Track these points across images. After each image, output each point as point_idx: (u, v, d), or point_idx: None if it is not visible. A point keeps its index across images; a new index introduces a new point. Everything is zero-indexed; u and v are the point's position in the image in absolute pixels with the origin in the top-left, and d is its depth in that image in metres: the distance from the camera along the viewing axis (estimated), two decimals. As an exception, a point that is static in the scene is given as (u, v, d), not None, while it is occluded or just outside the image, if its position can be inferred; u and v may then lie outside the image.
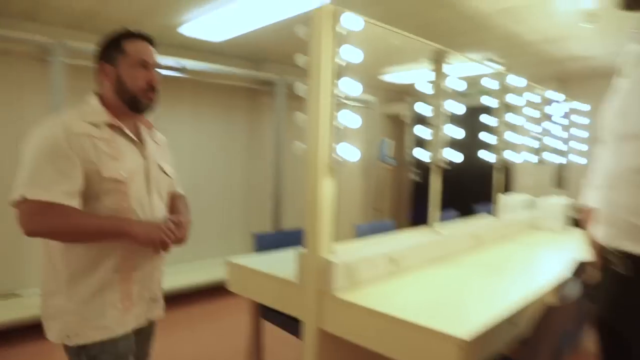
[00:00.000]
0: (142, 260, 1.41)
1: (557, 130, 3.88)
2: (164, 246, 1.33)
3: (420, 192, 5.99)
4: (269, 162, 4.72)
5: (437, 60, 2.26)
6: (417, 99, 2.39)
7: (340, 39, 1.74)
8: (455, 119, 2.39)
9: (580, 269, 1.78)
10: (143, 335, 1.52)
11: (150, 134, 1.52)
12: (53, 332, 1.32)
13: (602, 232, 1.22)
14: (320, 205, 1.77)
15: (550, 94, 3.69)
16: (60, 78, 3.09)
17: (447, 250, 2.43)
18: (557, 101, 3.79)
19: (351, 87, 1.76)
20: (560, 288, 1.97)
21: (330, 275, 1.76)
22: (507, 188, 4.47)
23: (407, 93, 6.06)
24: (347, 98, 1.77)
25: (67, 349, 1.34)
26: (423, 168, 2.36)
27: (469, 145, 3.02)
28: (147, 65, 1.40)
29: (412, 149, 2.44)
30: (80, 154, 1.26)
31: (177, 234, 1.38)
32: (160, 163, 1.50)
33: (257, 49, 4.24)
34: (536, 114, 3.63)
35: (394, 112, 6.20)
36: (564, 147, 4.04)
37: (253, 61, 4.69)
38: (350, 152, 1.78)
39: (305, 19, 1.79)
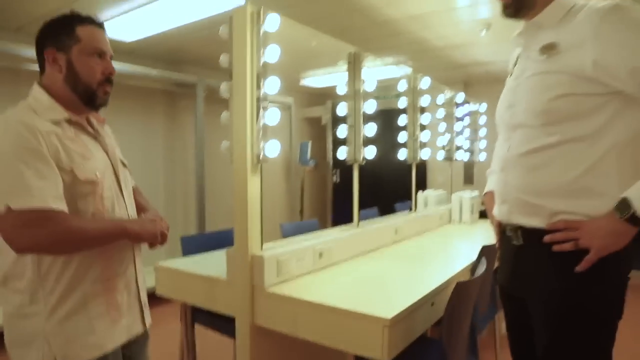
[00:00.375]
0: (124, 266, 1.31)
1: (464, 129, 4.21)
2: (163, 237, 1.29)
3: (340, 193, 6.17)
4: (191, 166, 4.65)
5: (353, 62, 2.38)
6: (336, 101, 2.50)
7: (264, 39, 1.79)
8: (372, 120, 2.53)
9: (486, 251, 1.96)
10: (138, 345, 1.40)
11: (100, 125, 1.38)
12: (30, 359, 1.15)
13: (499, 211, 1.39)
14: (248, 202, 1.81)
15: (457, 96, 3.98)
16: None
17: (371, 244, 2.56)
18: (463, 103, 4.10)
19: (274, 86, 1.82)
20: (472, 270, 2.16)
21: (262, 271, 1.81)
22: (423, 185, 4.76)
23: (327, 96, 6.23)
24: (268, 98, 1.82)
25: None
26: (342, 169, 2.47)
27: (388, 146, 3.20)
28: (103, 54, 1.27)
29: (331, 151, 2.54)
30: (53, 155, 1.12)
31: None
32: (120, 156, 1.40)
33: (174, 50, 4.17)
34: (444, 114, 3.90)
35: (314, 115, 6.34)
36: (471, 146, 4.38)
37: (171, 63, 4.60)
38: (274, 150, 1.84)
39: (224, 19, 1.82)
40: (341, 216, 2.55)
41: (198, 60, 4.49)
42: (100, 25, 1.29)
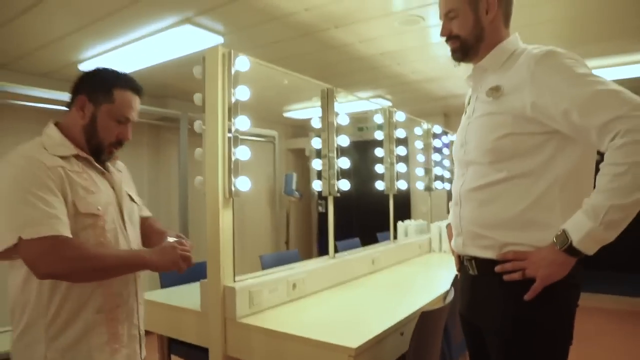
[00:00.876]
0: (126, 296, 1.34)
1: (443, 160, 4.31)
2: (186, 261, 1.32)
3: (326, 223, 6.20)
4: (174, 198, 4.69)
5: (327, 97, 2.48)
6: (316, 133, 2.58)
7: (234, 79, 1.87)
8: (353, 151, 2.61)
9: (455, 279, 2.01)
10: None
11: (114, 164, 1.46)
12: None
13: (455, 242, 1.45)
14: (220, 235, 1.86)
15: (435, 127, 4.10)
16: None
17: (346, 274, 2.60)
18: (441, 134, 4.21)
19: (244, 123, 1.89)
20: (444, 299, 2.20)
21: (233, 301, 1.85)
22: (407, 215, 4.82)
23: (310, 128, 6.35)
24: (242, 133, 1.89)
25: None
26: (327, 199, 2.53)
27: (370, 177, 3.28)
28: (126, 122, 1.35)
29: (313, 181, 2.61)
30: (59, 188, 1.18)
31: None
32: (128, 191, 1.45)
33: (159, 85, 4.28)
34: (422, 145, 4.00)
35: (299, 146, 6.44)
36: (451, 175, 4.47)
37: (156, 97, 4.70)
38: (245, 185, 1.90)
39: (202, 58, 1.91)
40: (327, 246, 2.60)
41: (182, 94, 4.59)
42: (138, 92, 1.37)
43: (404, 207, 4.89)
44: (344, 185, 2.58)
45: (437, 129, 4.09)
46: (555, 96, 1.17)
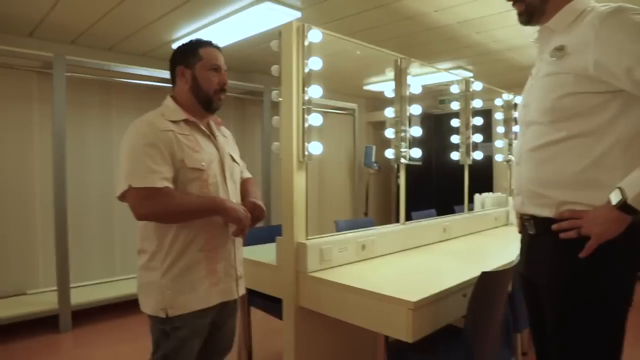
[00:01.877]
0: (224, 240, 1.59)
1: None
2: (245, 226, 1.55)
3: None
4: (258, 166, 4.99)
5: (400, 67, 2.53)
6: (389, 104, 2.65)
7: (307, 50, 2.00)
8: (428, 124, 2.64)
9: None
10: (228, 310, 1.67)
11: (219, 129, 1.71)
12: (149, 306, 1.49)
13: (514, 202, 1.49)
14: (294, 195, 2.02)
15: (517, 98, 3.96)
16: (62, 90, 3.34)
17: (416, 240, 2.68)
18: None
19: (317, 92, 2.02)
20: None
21: (305, 257, 2.02)
22: (489, 188, 4.74)
23: (389, 100, 6.35)
24: (321, 106, 2.03)
25: (154, 320, 1.50)
26: (407, 171, 2.59)
27: (448, 150, 3.30)
28: (219, 69, 1.60)
29: (386, 150, 2.69)
30: (167, 147, 1.45)
31: (258, 214, 1.66)
32: (231, 153, 1.70)
33: (244, 61, 4.53)
34: (502, 117, 3.90)
35: (379, 119, 6.48)
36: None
37: (241, 72, 4.97)
38: (317, 149, 2.04)
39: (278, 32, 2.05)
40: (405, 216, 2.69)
41: (265, 69, 4.80)
42: (217, 47, 1.64)
43: (485, 180, 4.79)
44: (416, 153, 2.64)
45: (519, 99, 3.95)
46: (619, 53, 1.17)
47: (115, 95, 4.20)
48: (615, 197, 1.17)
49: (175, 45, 3.80)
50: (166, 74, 3.65)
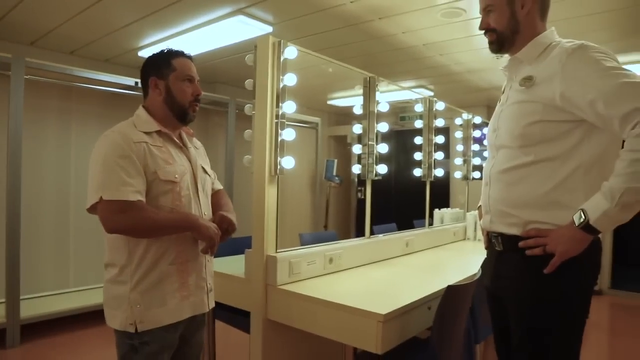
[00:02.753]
0: (195, 253, 1.57)
1: (483, 151, 4.34)
2: (214, 244, 1.53)
3: (364, 209, 6.34)
4: (220, 177, 4.94)
5: (368, 85, 2.61)
6: (357, 120, 2.72)
7: (283, 66, 2.04)
8: (391, 140, 2.73)
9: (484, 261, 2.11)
10: (197, 323, 1.66)
11: (190, 140, 1.70)
12: (116, 320, 1.44)
13: (483, 220, 1.57)
14: (265, 208, 2.04)
15: (475, 118, 4.14)
16: (20, 93, 3.22)
17: (381, 254, 2.74)
18: (481, 125, 4.25)
19: (291, 107, 2.06)
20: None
21: (275, 270, 2.03)
22: (446, 204, 4.89)
23: (352, 116, 6.47)
24: (287, 119, 2.06)
25: (121, 335, 1.46)
26: (365, 184, 2.66)
27: (408, 165, 3.40)
28: (192, 79, 1.59)
29: (353, 165, 2.75)
30: (140, 159, 1.43)
31: (229, 228, 1.63)
32: (202, 165, 1.69)
33: (209, 72, 4.52)
34: (462, 135, 4.06)
35: (340, 133, 6.57)
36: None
37: (207, 83, 4.95)
38: (289, 163, 2.07)
39: (252, 44, 2.08)
40: (364, 230, 2.75)
41: (231, 80, 4.82)
42: (189, 57, 1.63)
43: (442, 196, 4.94)
44: (382, 169, 2.71)
45: (478, 119, 4.13)
46: (583, 87, 1.27)
47: (75, 100, 4.08)
48: (578, 218, 1.27)
49: (141, 53, 3.79)
50: (129, 81, 3.59)
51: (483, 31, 1.53)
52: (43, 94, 3.84)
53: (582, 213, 1.26)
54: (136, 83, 3.67)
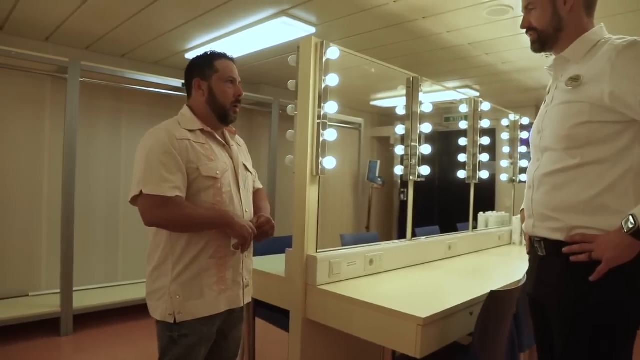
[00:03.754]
0: (233, 250, 1.60)
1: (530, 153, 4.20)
2: (246, 244, 1.56)
3: (406, 211, 6.27)
4: (263, 176, 5.02)
5: (412, 86, 2.58)
6: (400, 121, 2.70)
7: (325, 67, 2.04)
8: (435, 141, 2.68)
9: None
10: (235, 319, 1.70)
11: (233, 138, 1.75)
12: (158, 311, 1.50)
13: (526, 224, 1.52)
14: (307, 208, 2.05)
15: (523, 119, 4.01)
16: (75, 95, 3.39)
17: (422, 256, 2.70)
18: (529, 126, 4.11)
19: (332, 108, 2.06)
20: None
21: (315, 270, 2.04)
22: (491, 207, 4.77)
23: (395, 117, 6.41)
24: (329, 119, 2.06)
25: (162, 325, 1.51)
26: (408, 187, 2.64)
27: (453, 167, 3.34)
28: (234, 81, 1.63)
29: (395, 167, 2.72)
30: (182, 155, 1.48)
31: (269, 230, 1.66)
32: (244, 162, 1.73)
33: (253, 73, 4.59)
34: (508, 137, 3.95)
35: (384, 134, 6.52)
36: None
37: (251, 84, 5.03)
38: (330, 164, 2.07)
39: (296, 47, 2.09)
40: (406, 232, 2.71)
41: (274, 81, 4.88)
42: (231, 59, 1.67)
43: (488, 199, 4.82)
44: (425, 170, 2.67)
45: (525, 120, 4.01)
46: (635, 85, 1.21)
47: (126, 101, 4.25)
48: (627, 224, 1.20)
49: (188, 55, 3.90)
50: (177, 82, 3.70)
51: (525, 30, 1.48)
52: (96, 95, 4.03)
53: (632, 218, 1.20)
54: (183, 84, 3.78)
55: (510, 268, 2.84)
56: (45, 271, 3.82)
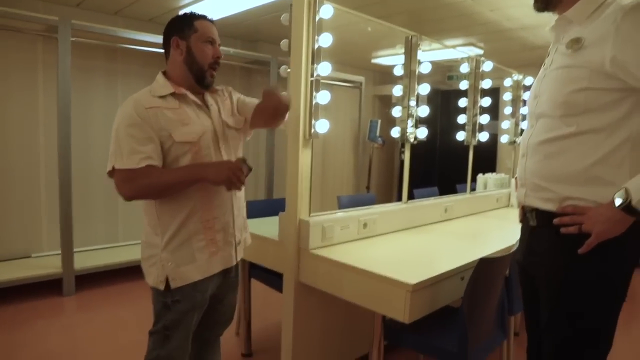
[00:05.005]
0: (222, 210, 1.59)
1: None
2: (236, 181, 1.46)
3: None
4: (262, 138, 4.97)
5: (410, 44, 2.49)
6: (399, 81, 2.62)
7: (318, 26, 1.97)
8: (436, 101, 2.62)
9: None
10: (230, 283, 1.72)
11: (213, 96, 1.66)
12: (151, 277, 1.53)
13: (518, 193, 1.49)
14: (299, 172, 2.03)
15: (527, 79, 3.91)
16: (67, 55, 3.30)
17: (417, 219, 2.70)
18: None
19: (326, 69, 2.00)
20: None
21: (307, 234, 2.03)
22: (492, 168, 4.73)
23: (398, 78, 6.28)
24: (328, 78, 2.00)
25: (156, 291, 1.53)
26: (410, 147, 2.59)
27: (454, 127, 3.28)
28: (214, 42, 1.59)
29: (392, 129, 2.68)
30: (153, 124, 1.44)
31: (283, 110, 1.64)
32: (226, 120, 1.65)
33: (251, 30, 4.45)
34: (510, 97, 3.86)
35: (385, 93, 6.41)
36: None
37: (248, 41, 4.90)
38: (323, 127, 2.03)
39: (289, 5, 2.01)
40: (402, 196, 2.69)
41: (272, 38, 4.74)
42: (211, 21, 1.62)
43: (489, 161, 4.78)
44: (422, 133, 2.62)
45: (529, 80, 3.91)
46: (638, 52, 1.14)
47: (121, 60, 4.16)
48: (620, 198, 1.17)
49: (184, 12, 3.77)
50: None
51: None
52: (90, 55, 3.93)
53: (624, 192, 1.16)
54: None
55: (505, 231, 2.83)
56: (47, 233, 3.85)
